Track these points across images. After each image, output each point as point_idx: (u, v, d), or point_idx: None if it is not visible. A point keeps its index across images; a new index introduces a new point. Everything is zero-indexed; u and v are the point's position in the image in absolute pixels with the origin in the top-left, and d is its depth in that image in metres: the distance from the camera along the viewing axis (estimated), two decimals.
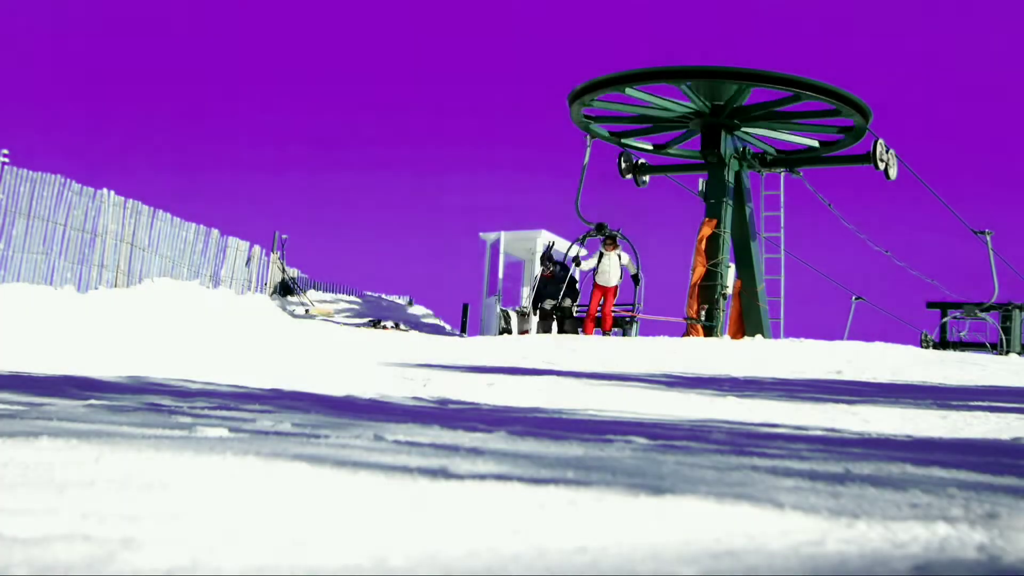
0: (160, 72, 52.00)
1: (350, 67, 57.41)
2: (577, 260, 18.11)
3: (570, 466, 2.18)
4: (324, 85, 56.95)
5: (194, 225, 19.61)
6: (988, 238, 21.76)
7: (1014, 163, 54.42)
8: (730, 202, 19.96)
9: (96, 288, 16.74)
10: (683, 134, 21.00)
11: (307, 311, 20.39)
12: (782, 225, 20.79)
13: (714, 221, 19.66)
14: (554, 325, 17.91)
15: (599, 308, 17.65)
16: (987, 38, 57.97)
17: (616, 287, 17.76)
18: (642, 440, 2.90)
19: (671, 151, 21.78)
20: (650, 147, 21.77)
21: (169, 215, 18.89)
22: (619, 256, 17.93)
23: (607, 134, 21.19)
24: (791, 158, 20.93)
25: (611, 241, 17.84)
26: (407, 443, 2.57)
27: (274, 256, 22.18)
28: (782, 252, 20.84)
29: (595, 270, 17.75)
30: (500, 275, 19.10)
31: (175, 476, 1.91)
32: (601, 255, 17.87)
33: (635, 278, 17.95)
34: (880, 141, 20.00)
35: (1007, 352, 22.71)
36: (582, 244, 18.77)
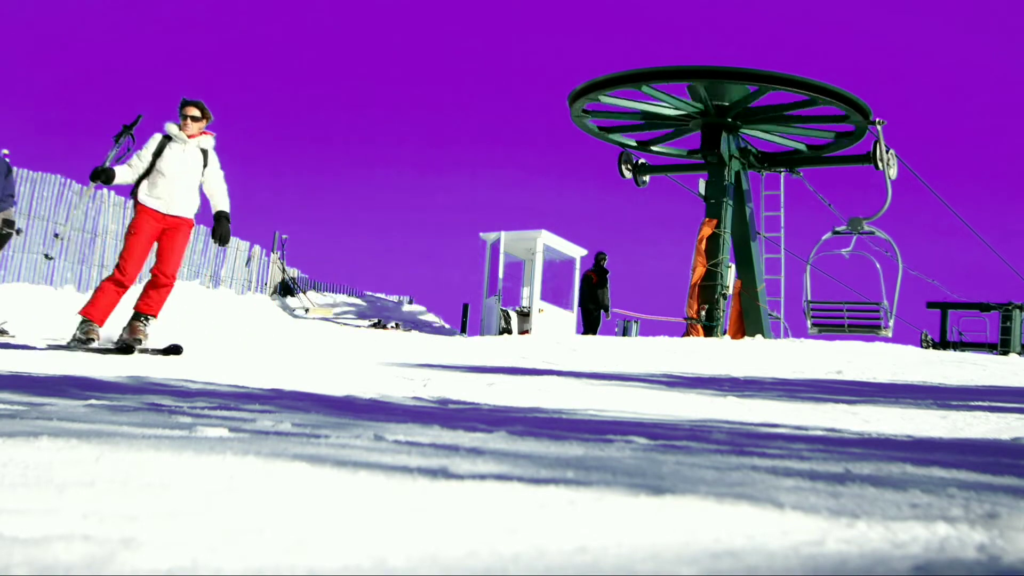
0: (160, 72, 52.00)
1: (350, 67, 57.41)
2: (103, 173, 8.19)
3: (570, 466, 2.17)
4: (324, 85, 56.94)
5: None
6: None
7: (1015, 163, 54.40)
8: (730, 202, 19.98)
9: None
10: (671, 132, 20.94)
11: (307, 311, 20.39)
12: (782, 225, 20.83)
13: (714, 221, 19.68)
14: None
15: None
16: (988, 38, 57.93)
17: (191, 221, 8.42)
18: (642, 440, 2.90)
19: (671, 151, 21.78)
20: (651, 147, 21.76)
21: None
22: (204, 153, 8.33)
23: (606, 134, 21.19)
24: (791, 158, 20.94)
25: (194, 107, 8.22)
26: (407, 443, 2.57)
27: (274, 256, 22.18)
28: (782, 252, 20.87)
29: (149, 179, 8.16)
30: (500, 275, 19.09)
31: (175, 476, 1.91)
32: (164, 142, 8.19)
33: None
34: (880, 141, 20.01)
35: (1007, 352, 22.72)
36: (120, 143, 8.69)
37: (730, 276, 19.86)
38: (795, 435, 3.58)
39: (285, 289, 22.39)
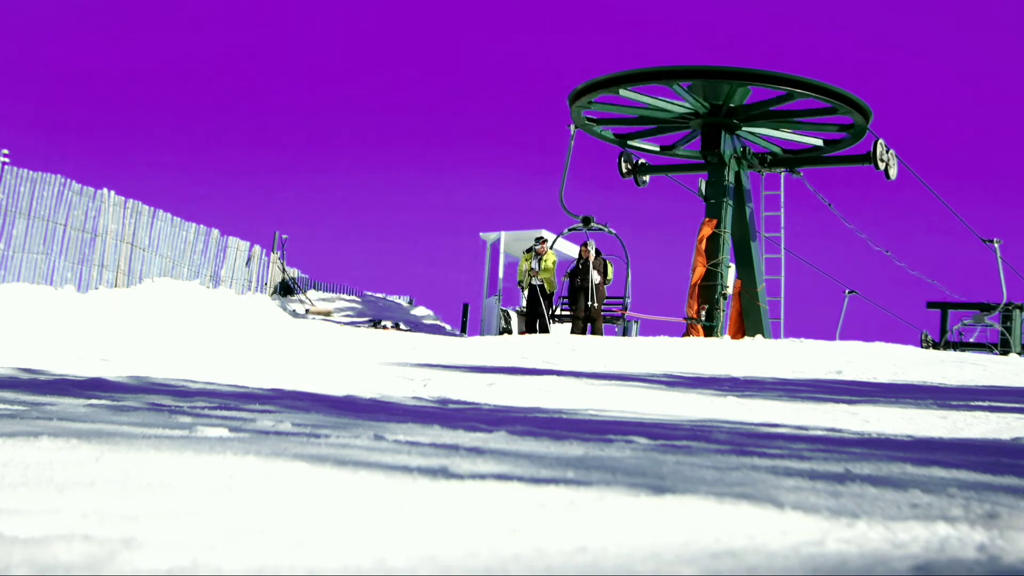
0: (160, 72, 52.05)
1: (350, 67, 57.44)
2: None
3: (570, 466, 2.17)
4: (324, 85, 56.97)
5: (194, 225, 19.62)
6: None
7: (1015, 163, 54.44)
8: (730, 202, 19.96)
9: (96, 288, 16.73)
10: (655, 128, 20.96)
11: (307, 311, 20.39)
12: (782, 225, 20.81)
13: (714, 221, 19.65)
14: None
15: None
16: (988, 37, 57.96)
17: None
18: (642, 440, 2.90)
19: (675, 151, 21.78)
20: (652, 148, 21.76)
21: (169, 215, 18.89)
22: None
23: (610, 135, 21.19)
24: (791, 158, 20.94)
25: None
26: (407, 443, 2.57)
27: (274, 256, 22.18)
28: (782, 252, 20.87)
29: None
30: (500, 275, 19.09)
31: (175, 476, 1.91)
32: None
33: None
34: (880, 141, 20.01)
35: (1007, 352, 22.71)
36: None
37: (730, 276, 19.83)
38: (795, 435, 3.58)
39: (285, 289, 22.39)
